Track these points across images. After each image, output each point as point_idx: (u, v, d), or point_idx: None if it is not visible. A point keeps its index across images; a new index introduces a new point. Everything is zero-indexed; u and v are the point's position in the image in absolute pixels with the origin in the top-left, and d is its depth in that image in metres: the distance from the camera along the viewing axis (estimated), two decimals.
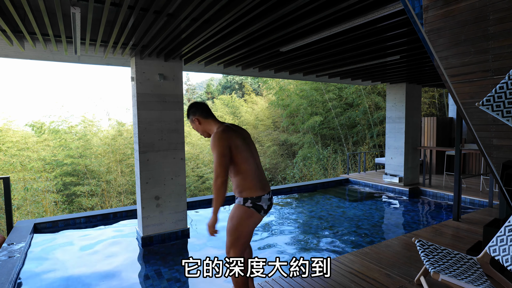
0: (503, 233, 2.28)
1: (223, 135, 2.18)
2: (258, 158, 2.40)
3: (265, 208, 2.26)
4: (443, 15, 2.43)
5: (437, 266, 2.24)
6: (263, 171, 2.40)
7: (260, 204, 2.22)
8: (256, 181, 2.25)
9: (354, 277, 2.99)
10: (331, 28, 3.31)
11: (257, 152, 2.41)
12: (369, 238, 4.84)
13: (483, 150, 2.55)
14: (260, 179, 2.28)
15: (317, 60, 5.03)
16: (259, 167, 2.35)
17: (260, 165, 2.38)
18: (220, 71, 5.79)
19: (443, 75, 2.56)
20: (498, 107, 1.79)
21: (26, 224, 5.03)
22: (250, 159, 2.27)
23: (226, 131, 2.21)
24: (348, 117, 12.93)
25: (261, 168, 2.38)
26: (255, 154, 2.37)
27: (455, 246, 3.70)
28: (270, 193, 2.33)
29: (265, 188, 2.28)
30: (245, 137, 2.35)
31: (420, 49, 4.33)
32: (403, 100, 7.79)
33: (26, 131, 11.08)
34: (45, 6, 2.63)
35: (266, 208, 2.27)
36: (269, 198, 2.30)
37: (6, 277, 3.28)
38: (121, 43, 3.82)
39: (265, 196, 2.25)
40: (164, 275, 3.70)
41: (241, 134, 2.31)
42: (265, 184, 2.31)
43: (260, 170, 2.34)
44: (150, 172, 4.63)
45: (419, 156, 8.28)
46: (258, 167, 2.33)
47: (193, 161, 13.14)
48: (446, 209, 6.34)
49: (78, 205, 9.55)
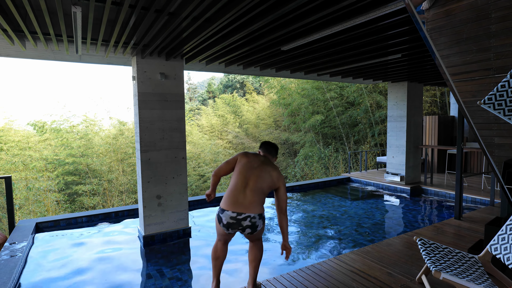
0: (505, 232, 2.28)
1: (238, 154, 2.69)
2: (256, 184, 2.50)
3: (224, 222, 2.46)
4: (445, 14, 2.42)
5: (439, 264, 2.24)
6: (253, 195, 2.47)
7: (220, 216, 2.48)
8: (231, 196, 2.48)
9: (355, 275, 3.00)
10: (332, 26, 3.30)
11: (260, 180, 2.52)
12: (370, 236, 4.84)
13: (485, 148, 2.54)
14: (237, 198, 2.46)
15: (318, 59, 5.02)
16: (246, 190, 2.49)
17: (251, 189, 2.49)
18: (221, 70, 5.79)
19: (444, 73, 2.55)
20: (500, 106, 1.78)
21: (28, 224, 5.05)
22: (240, 179, 2.52)
23: (243, 153, 2.69)
24: (349, 116, 12.92)
25: (251, 192, 2.48)
26: (254, 179, 2.52)
27: (457, 245, 3.70)
28: (243, 215, 2.42)
29: (235, 207, 2.43)
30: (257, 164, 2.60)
31: (421, 47, 4.32)
32: (405, 99, 7.77)
33: (28, 130, 11.12)
34: (46, 5, 2.63)
35: (225, 223, 2.45)
36: (234, 217, 2.42)
37: (8, 276, 3.30)
38: (122, 42, 3.82)
39: (228, 212, 2.43)
40: (166, 274, 3.71)
41: (254, 160, 2.62)
42: (238, 204, 2.44)
43: (246, 192, 2.48)
44: (152, 171, 4.64)
45: (420, 154, 8.26)
46: (244, 188, 2.49)
47: (194, 160, 13.16)
48: (447, 208, 6.33)
49: (79, 204, 9.58)
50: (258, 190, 2.48)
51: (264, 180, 2.52)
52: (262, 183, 2.51)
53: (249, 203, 2.43)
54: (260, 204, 2.49)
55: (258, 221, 2.46)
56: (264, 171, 2.55)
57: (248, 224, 2.42)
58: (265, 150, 2.78)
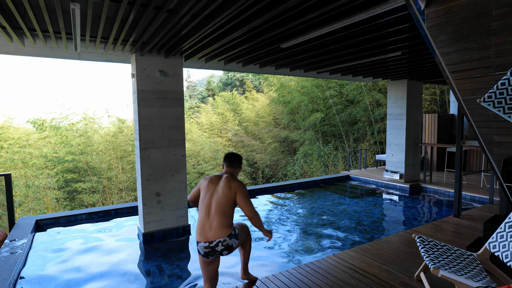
0: (503, 229, 2.28)
1: (201, 180, 2.67)
2: (217, 208, 2.47)
3: (202, 253, 2.48)
4: (445, 11, 2.42)
5: (437, 262, 2.24)
6: (217, 220, 2.45)
7: (197, 248, 2.51)
8: (199, 227, 2.49)
9: (354, 273, 3.00)
10: (332, 24, 3.29)
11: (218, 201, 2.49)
12: (369, 234, 4.85)
13: (484, 146, 2.54)
14: (204, 228, 2.46)
15: (318, 57, 5.01)
16: (209, 217, 2.47)
17: (213, 215, 2.47)
18: (221, 67, 5.78)
19: (444, 71, 2.55)
20: (500, 104, 1.78)
21: (28, 221, 5.05)
22: (201, 207, 2.52)
23: (204, 179, 2.66)
24: (349, 114, 12.91)
25: (213, 217, 2.46)
26: (213, 203, 2.49)
27: (455, 242, 3.71)
28: (214, 242, 2.42)
29: (204, 237, 2.44)
30: (213, 187, 2.56)
31: (421, 45, 4.31)
32: (404, 97, 7.77)
33: (28, 128, 11.10)
34: (44, 2, 2.62)
35: (203, 253, 2.47)
36: (208, 246, 2.43)
37: (9, 273, 3.31)
38: (121, 40, 3.81)
39: (201, 243, 2.45)
40: (166, 271, 3.72)
41: (210, 184, 2.58)
42: (206, 233, 2.44)
43: (209, 219, 2.46)
44: (151, 169, 4.64)
45: (420, 152, 8.27)
46: (207, 216, 2.47)
47: (193, 158, 13.16)
48: (446, 206, 6.34)
49: (79, 202, 9.58)
50: (220, 213, 2.47)
51: (220, 199, 2.49)
52: (221, 203, 2.48)
53: (215, 229, 2.44)
54: (226, 226, 2.48)
55: (230, 241, 2.48)
56: (220, 189, 2.53)
57: (222, 248, 2.45)
58: (229, 163, 2.73)
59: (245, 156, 15.44)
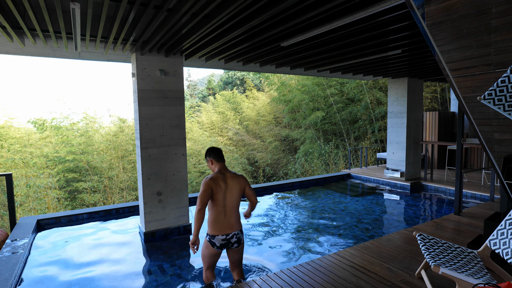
0: (504, 227, 2.29)
1: (207, 184, 2.73)
2: (233, 202, 2.83)
3: (217, 245, 2.80)
4: (445, 9, 2.41)
5: (438, 259, 2.25)
6: (232, 215, 2.82)
7: (212, 241, 2.80)
8: (217, 223, 2.79)
9: (355, 271, 3.01)
10: (332, 22, 3.29)
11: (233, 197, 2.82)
12: (370, 232, 4.86)
13: (485, 144, 2.54)
14: (222, 223, 2.78)
15: (318, 55, 5.00)
16: (226, 213, 2.79)
17: (229, 210, 2.80)
18: (221, 66, 5.77)
19: (444, 69, 2.55)
20: (500, 101, 1.78)
21: (29, 221, 5.07)
22: (219, 205, 2.77)
23: (211, 181, 2.76)
24: (349, 112, 12.90)
25: (229, 213, 2.81)
26: (228, 200, 2.80)
27: (456, 240, 3.71)
28: (230, 234, 2.80)
29: (223, 231, 2.78)
30: (224, 184, 2.80)
31: (421, 43, 4.30)
32: (405, 95, 7.76)
33: (29, 128, 11.12)
34: (44, 2, 2.62)
35: (218, 245, 2.80)
36: (225, 239, 2.79)
37: (10, 272, 3.32)
38: (121, 39, 3.81)
39: (218, 236, 2.78)
40: (167, 270, 3.73)
41: (221, 183, 2.79)
42: (224, 227, 2.79)
43: (226, 214, 2.79)
44: (152, 168, 4.64)
45: (420, 150, 8.26)
46: (224, 213, 2.78)
47: (194, 157, 13.16)
48: (447, 204, 6.34)
49: (80, 202, 9.60)
50: (235, 208, 2.85)
51: (234, 196, 2.83)
52: (235, 200, 2.83)
53: (233, 224, 2.82)
54: (239, 220, 2.90)
55: (242, 236, 2.91)
56: (232, 187, 2.82)
57: (235, 240, 2.84)
58: (218, 158, 2.93)
59: (246, 155, 15.45)
